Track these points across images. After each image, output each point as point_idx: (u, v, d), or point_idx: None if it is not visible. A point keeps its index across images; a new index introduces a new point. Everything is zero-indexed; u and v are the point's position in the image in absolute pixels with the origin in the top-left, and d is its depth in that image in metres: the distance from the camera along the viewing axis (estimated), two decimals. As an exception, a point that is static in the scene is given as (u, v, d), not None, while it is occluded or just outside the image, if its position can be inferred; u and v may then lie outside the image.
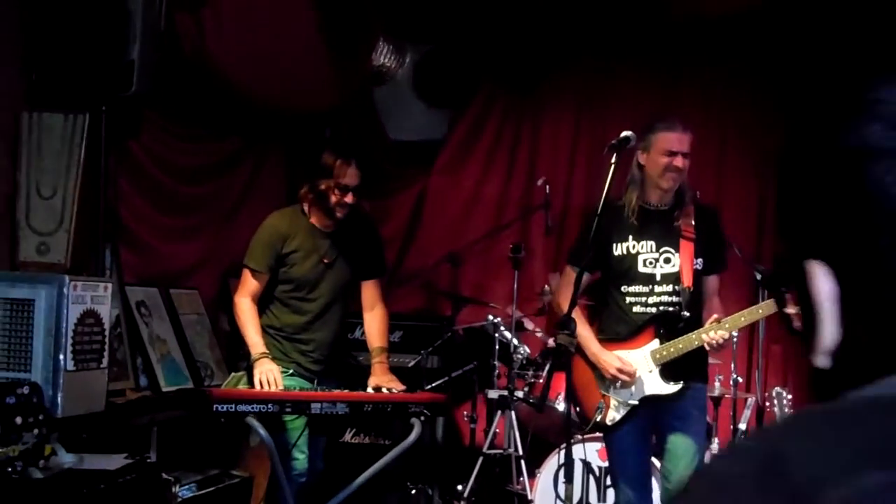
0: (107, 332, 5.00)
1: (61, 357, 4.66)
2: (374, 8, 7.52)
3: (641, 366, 5.06)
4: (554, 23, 7.87)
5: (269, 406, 4.99)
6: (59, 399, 4.63)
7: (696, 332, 4.95)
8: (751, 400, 6.68)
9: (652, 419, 5.13)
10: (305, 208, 5.58)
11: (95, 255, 5.46)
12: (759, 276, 6.44)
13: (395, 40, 8.24)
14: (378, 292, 5.82)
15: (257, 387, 5.20)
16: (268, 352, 5.37)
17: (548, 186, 7.31)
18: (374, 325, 5.79)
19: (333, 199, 5.42)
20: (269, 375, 5.25)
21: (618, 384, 5.08)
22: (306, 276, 5.53)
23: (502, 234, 8.04)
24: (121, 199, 5.85)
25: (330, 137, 8.10)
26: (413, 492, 6.90)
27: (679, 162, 4.98)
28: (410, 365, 7.26)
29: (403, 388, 5.50)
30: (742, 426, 6.58)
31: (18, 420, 4.29)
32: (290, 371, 5.46)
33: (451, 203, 8.36)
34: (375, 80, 8.26)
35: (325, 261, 5.55)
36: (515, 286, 6.91)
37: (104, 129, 5.20)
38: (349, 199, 5.44)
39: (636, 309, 5.09)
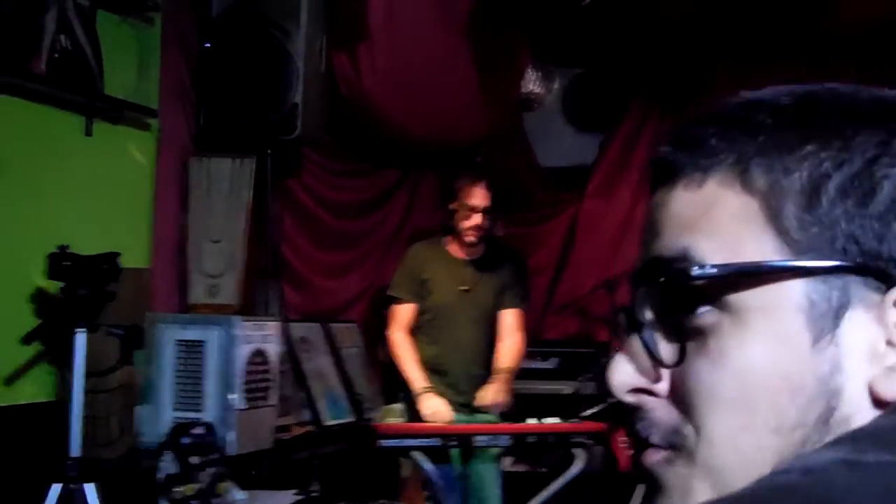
0: (275, 370, 5.10)
1: (233, 396, 4.77)
2: (523, 35, 7.53)
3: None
4: (703, 40, 7.77)
5: (433, 440, 5.02)
6: (231, 437, 4.74)
7: None
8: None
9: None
10: (446, 239, 5.58)
11: (262, 294, 5.58)
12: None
13: (544, 66, 8.24)
14: (516, 322, 5.71)
15: (428, 421, 5.22)
16: (431, 386, 5.38)
17: (702, 208, 7.22)
18: (506, 348, 5.65)
19: (462, 220, 5.38)
20: (439, 410, 5.26)
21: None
22: (444, 304, 5.52)
23: (656, 257, 7.95)
24: (283, 237, 5.97)
25: (478, 163, 8.11)
26: (574, 520, 6.87)
27: None
28: (567, 392, 7.23)
29: (505, 406, 5.42)
30: None
31: (194, 459, 4.41)
32: None
33: (604, 227, 8.30)
34: (524, 107, 8.27)
35: (463, 288, 5.52)
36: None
37: (269, 172, 5.32)
38: (478, 220, 5.38)
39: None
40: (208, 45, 5.40)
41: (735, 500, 0.76)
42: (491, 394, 5.41)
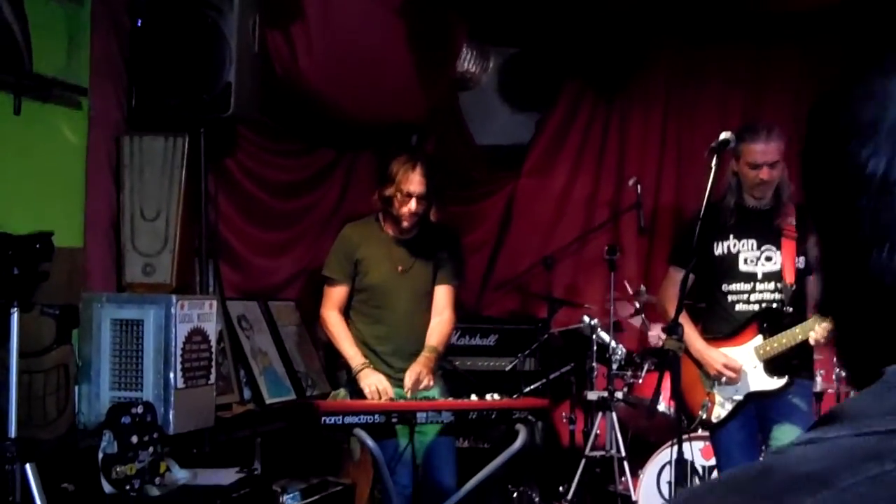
0: (213, 349, 5.08)
1: (171, 375, 4.75)
2: (459, 14, 7.54)
3: (745, 362, 5.05)
4: (638, 21, 7.83)
5: (376, 417, 5.01)
6: (170, 416, 4.72)
7: (799, 326, 4.91)
8: (853, 394, 6.59)
9: (757, 415, 5.11)
10: (380, 217, 5.58)
11: (199, 272, 5.55)
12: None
13: (479, 45, 8.24)
14: (449, 299, 5.70)
15: (369, 398, 5.23)
16: (368, 361, 5.39)
17: (639, 186, 7.29)
18: (435, 326, 5.64)
19: (398, 206, 5.39)
20: (378, 385, 5.27)
21: (722, 381, 5.07)
22: (380, 285, 5.52)
23: (594, 234, 8.02)
24: (219, 216, 5.93)
25: (417, 144, 8.10)
26: (514, 494, 6.91)
27: (765, 174, 4.96)
28: (507, 369, 7.27)
29: (430, 385, 5.47)
30: (846, 420, 6.49)
31: (134, 439, 4.39)
32: None
33: (540, 205, 8.34)
34: (461, 86, 8.28)
35: (400, 269, 5.53)
36: (612, 288, 6.89)
37: (203, 150, 5.29)
38: (414, 206, 5.38)
39: (738, 307, 5.08)
40: (140, 23, 5.34)
41: (716, 483, 0.88)
42: (413, 375, 5.40)
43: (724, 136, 4.77)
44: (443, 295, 5.69)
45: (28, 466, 3.81)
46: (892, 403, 0.82)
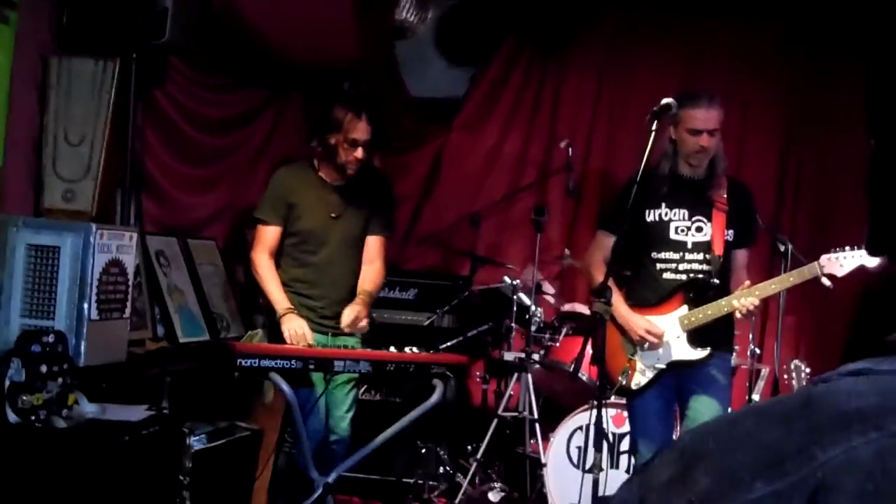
0: (131, 282, 4.95)
1: (86, 306, 4.60)
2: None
3: (669, 331, 5.05)
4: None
5: (292, 362, 4.95)
6: (82, 348, 4.58)
7: (725, 298, 4.94)
8: (765, 371, 6.67)
9: (676, 384, 5.13)
10: (315, 162, 5.54)
11: (120, 203, 5.39)
12: (781, 247, 6.42)
13: (419, -6, 8.13)
14: (381, 249, 5.76)
15: (289, 342, 5.17)
16: (293, 307, 5.33)
17: (570, 148, 7.26)
18: (368, 274, 5.70)
19: (343, 154, 5.36)
20: (299, 331, 5.22)
21: (644, 347, 5.06)
22: (312, 229, 5.49)
23: (521, 194, 7.98)
24: (145, 147, 5.77)
25: (346, 91, 8.01)
26: (423, 450, 6.89)
27: (704, 141, 4.95)
28: (425, 323, 7.22)
29: (366, 327, 5.45)
30: (756, 397, 6.58)
31: (43, 368, 4.26)
32: None
33: (469, 161, 8.28)
34: (397, 35, 8.16)
35: (333, 215, 5.50)
36: (537, 249, 6.85)
37: (134, 77, 5.12)
38: (359, 154, 5.38)
39: (666, 275, 5.08)
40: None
41: (752, 410, 0.84)
42: (352, 314, 5.40)
43: (665, 101, 4.75)
44: (375, 245, 5.72)
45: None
46: None
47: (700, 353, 5.03)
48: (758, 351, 6.64)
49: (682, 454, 0.80)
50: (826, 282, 4.83)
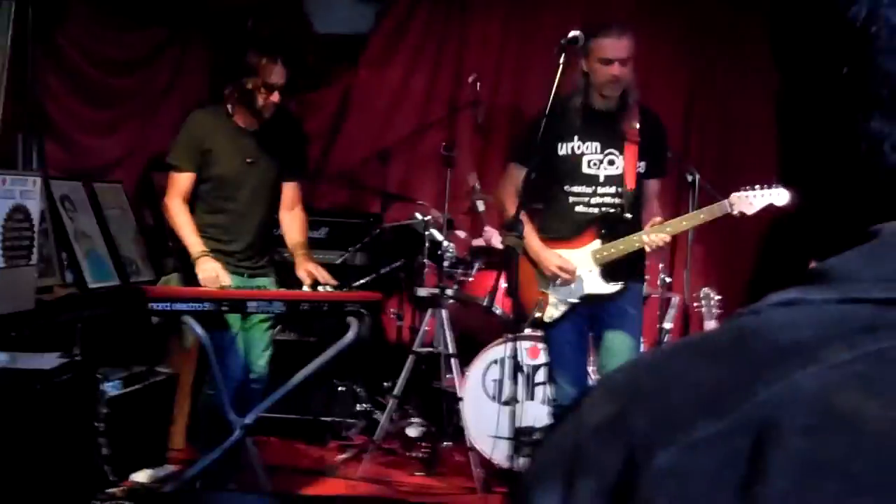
0: (36, 228, 4.86)
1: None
2: None
3: (582, 265, 5.08)
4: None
5: (206, 304, 4.90)
6: (-11, 297, 4.50)
7: (637, 234, 4.98)
8: (675, 299, 6.77)
9: (590, 317, 5.17)
10: (229, 107, 5.46)
11: (22, 148, 5.27)
12: (689, 178, 6.49)
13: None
14: (298, 194, 5.76)
15: (204, 285, 5.12)
16: (208, 250, 5.27)
17: (478, 84, 7.23)
18: (293, 224, 5.72)
19: (260, 98, 5.30)
20: (213, 273, 5.17)
21: (557, 282, 5.09)
22: (228, 175, 5.42)
23: (430, 131, 7.95)
24: (46, 90, 5.64)
25: (252, 29, 7.90)
26: (340, 389, 6.90)
27: (615, 70, 4.92)
28: (337, 262, 7.19)
29: (336, 283, 5.45)
30: (667, 325, 6.67)
31: (-51, 319, 4.17)
32: None
33: (377, 98, 8.21)
34: (301, -30, 8.05)
35: (248, 160, 5.44)
36: (448, 185, 6.84)
37: (31, 18, 4.98)
38: (275, 98, 5.32)
39: (578, 209, 5.08)
40: None
41: (680, 347, 0.80)
42: (311, 275, 5.39)
43: (573, 33, 4.73)
44: (292, 191, 5.73)
45: None
46: (893, 268, 0.75)
47: (613, 287, 5.08)
48: (668, 280, 6.72)
49: (613, 394, 0.78)
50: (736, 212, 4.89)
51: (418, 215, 6.86)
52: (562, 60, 4.68)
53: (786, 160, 0.89)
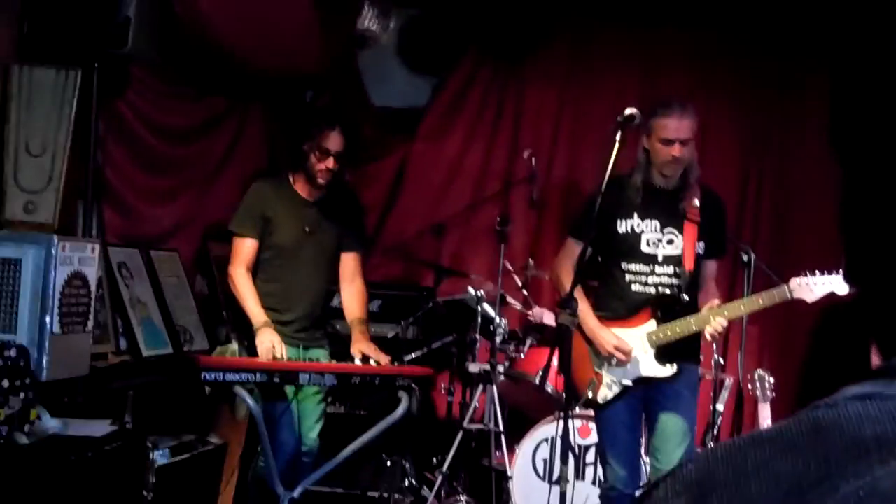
0: (93, 295, 4.88)
1: (48, 319, 4.54)
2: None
3: (637, 346, 5.02)
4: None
5: (258, 375, 4.91)
6: (44, 362, 4.52)
7: (694, 316, 4.92)
8: (729, 381, 6.68)
9: (643, 398, 5.11)
10: (290, 177, 5.53)
11: (82, 215, 5.33)
12: (744, 257, 6.43)
13: (381, 4, 8.10)
14: (358, 266, 5.80)
15: (261, 356, 5.13)
16: (269, 321, 5.29)
17: (534, 159, 7.24)
18: (353, 297, 5.76)
19: (315, 163, 5.36)
20: (270, 344, 5.18)
21: (613, 362, 5.04)
22: (287, 244, 5.47)
23: (484, 205, 7.97)
24: (106, 158, 5.71)
25: (311, 100, 8.00)
26: (388, 463, 6.85)
27: (676, 151, 4.89)
28: (390, 336, 7.17)
29: (389, 358, 5.44)
30: (720, 407, 6.59)
31: (5, 383, 4.19)
32: None
33: (432, 171, 8.25)
34: (360, 44, 8.13)
35: (307, 229, 5.49)
36: (501, 259, 6.82)
37: (96, 87, 5.06)
38: (331, 164, 5.39)
39: (635, 287, 5.04)
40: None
41: (757, 438, 0.79)
42: (370, 349, 5.40)
43: (629, 111, 4.71)
44: (352, 262, 5.78)
45: None
46: None
47: (668, 371, 5.01)
48: (721, 361, 6.65)
49: (689, 484, 0.77)
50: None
51: (471, 290, 6.83)
52: (617, 138, 4.66)
53: (851, 258, 0.87)
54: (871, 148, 0.83)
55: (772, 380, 6.09)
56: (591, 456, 6.17)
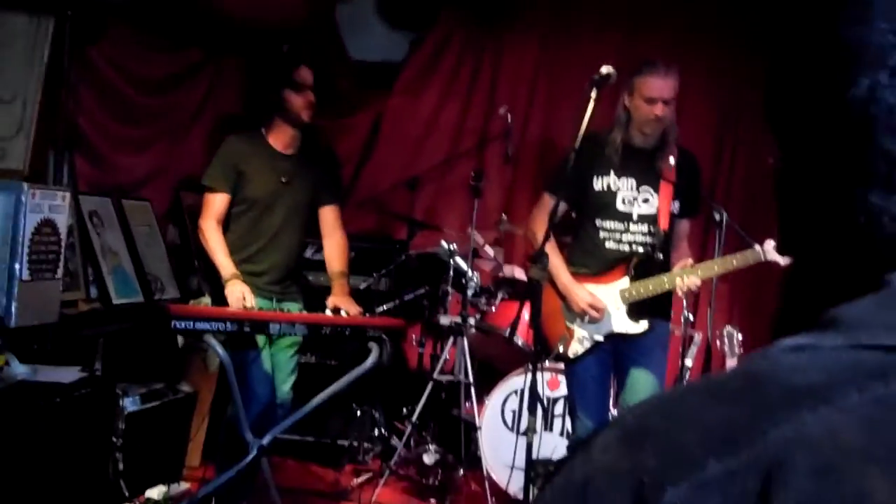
0: (63, 243, 4.88)
1: (17, 266, 4.54)
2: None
3: (610, 302, 5.05)
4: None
5: (228, 325, 4.92)
6: (13, 308, 4.52)
7: (667, 275, 4.95)
8: (698, 337, 6.73)
9: (614, 353, 5.13)
10: (264, 131, 5.52)
11: (53, 163, 5.32)
12: (717, 216, 6.45)
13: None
14: (338, 218, 5.79)
15: (232, 306, 5.14)
16: (238, 273, 5.30)
17: (509, 115, 7.24)
18: (333, 250, 5.76)
19: (295, 101, 5.36)
20: (240, 295, 5.19)
21: (585, 318, 5.07)
22: (262, 196, 5.46)
23: (459, 160, 7.98)
24: (79, 106, 5.69)
25: (287, 52, 7.96)
26: (359, 413, 6.89)
27: (659, 110, 4.89)
28: (362, 287, 7.20)
29: (360, 310, 5.46)
30: (689, 363, 6.64)
31: (-27, 329, 4.20)
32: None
33: (408, 126, 8.24)
34: (338, -2, 8.10)
35: (284, 180, 5.48)
36: (475, 214, 6.83)
37: (69, 34, 5.03)
38: (311, 97, 5.41)
39: (609, 245, 5.06)
40: None
41: (693, 389, 0.82)
42: (344, 302, 5.41)
43: (605, 69, 4.70)
44: (331, 215, 5.78)
45: None
46: None
47: (639, 327, 5.05)
48: (691, 317, 6.68)
49: (625, 433, 0.80)
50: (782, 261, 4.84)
51: (444, 243, 6.86)
52: (593, 96, 4.66)
53: (785, 231, 0.91)
54: (800, 123, 0.87)
55: (740, 336, 6.15)
56: (559, 408, 6.23)
